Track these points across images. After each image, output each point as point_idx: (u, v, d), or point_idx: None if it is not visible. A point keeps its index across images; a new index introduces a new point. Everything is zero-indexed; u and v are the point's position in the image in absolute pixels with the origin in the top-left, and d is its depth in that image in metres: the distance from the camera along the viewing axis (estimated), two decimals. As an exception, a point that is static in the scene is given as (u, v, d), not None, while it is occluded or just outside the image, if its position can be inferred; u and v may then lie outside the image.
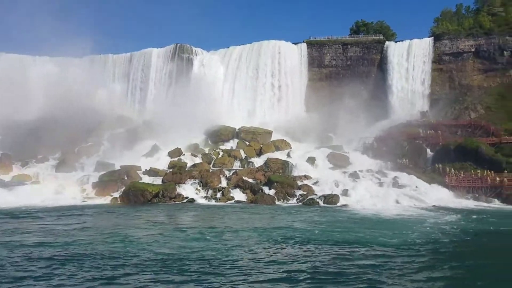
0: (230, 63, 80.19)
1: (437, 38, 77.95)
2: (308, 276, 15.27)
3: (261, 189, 44.61)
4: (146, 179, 47.08)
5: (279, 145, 62.42)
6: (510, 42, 73.56)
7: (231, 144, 63.80)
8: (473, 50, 76.25)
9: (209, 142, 64.11)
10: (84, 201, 41.12)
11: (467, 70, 76.36)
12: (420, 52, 77.63)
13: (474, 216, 31.81)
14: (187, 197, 42.22)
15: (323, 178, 49.05)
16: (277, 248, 19.98)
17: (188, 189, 44.22)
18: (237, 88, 78.36)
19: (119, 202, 41.09)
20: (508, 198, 45.70)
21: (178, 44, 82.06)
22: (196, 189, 44.71)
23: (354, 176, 50.57)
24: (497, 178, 48.85)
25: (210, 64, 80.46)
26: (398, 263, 17.03)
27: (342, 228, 25.61)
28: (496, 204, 44.65)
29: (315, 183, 47.86)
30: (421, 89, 76.40)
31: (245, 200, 42.68)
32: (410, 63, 77.18)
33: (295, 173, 52.47)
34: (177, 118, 65.09)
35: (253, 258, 17.91)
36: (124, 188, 42.56)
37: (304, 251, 19.45)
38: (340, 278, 14.90)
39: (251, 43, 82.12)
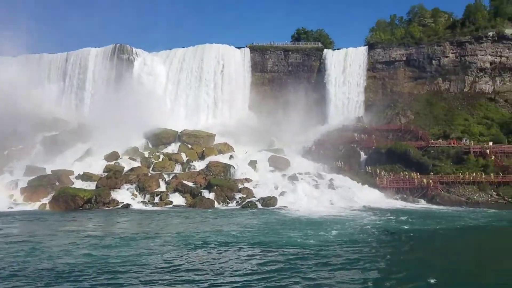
0: (172, 65, 79.60)
1: (371, 47, 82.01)
2: (210, 281, 14.95)
3: (201, 193, 44.74)
4: (79, 184, 45.49)
5: (222, 149, 62.74)
6: (438, 52, 78.80)
7: (172, 148, 63.23)
8: (404, 59, 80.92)
9: (150, 145, 63.12)
10: (10, 208, 38.98)
11: (399, 77, 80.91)
12: (355, 60, 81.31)
13: (394, 217, 33.59)
14: (122, 202, 41.36)
15: (263, 181, 50.14)
16: (190, 253, 19.41)
17: (124, 194, 43.33)
18: (180, 91, 77.90)
19: (48, 208, 39.41)
20: (433, 198, 49.05)
21: (118, 44, 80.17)
22: (133, 194, 43.94)
23: (293, 178, 51.95)
24: (424, 180, 52.32)
25: (151, 66, 79.32)
26: (306, 264, 16.93)
27: (268, 230, 25.89)
28: (421, 204, 47.76)
29: (255, 186, 48.76)
30: (356, 96, 79.96)
31: (184, 204, 42.60)
32: (346, 70, 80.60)
33: (237, 176, 53.08)
34: (116, 120, 63.38)
35: (161, 265, 17.21)
36: (54, 193, 40.84)
37: (217, 254, 19.15)
38: (239, 281, 14.78)
39: (194, 46, 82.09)
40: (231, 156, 59.24)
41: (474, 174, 53.02)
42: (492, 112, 70.15)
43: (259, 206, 41.78)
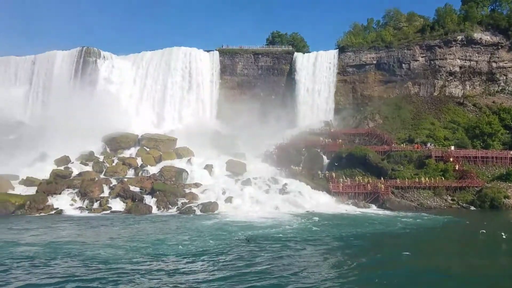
0: (140, 68, 78.79)
1: (341, 50, 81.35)
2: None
3: (143, 199, 43.66)
4: (21, 189, 44.40)
5: (181, 153, 61.73)
6: (408, 55, 78.16)
7: (131, 152, 62.14)
8: (374, 62, 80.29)
9: (108, 149, 62.00)
10: None
11: (369, 81, 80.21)
12: (325, 63, 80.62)
13: (328, 222, 32.69)
14: (56, 208, 40.23)
15: (212, 186, 49.06)
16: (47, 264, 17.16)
17: (63, 200, 42.19)
18: (146, 95, 77.06)
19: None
20: (384, 203, 48.11)
21: (85, 47, 79.25)
22: (72, 199, 42.81)
23: (246, 183, 50.94)
24: (381, 185, 51.38)
25: (118, 68, 78.47)
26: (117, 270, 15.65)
27: (160, 240, 23.83)
28: (371, 209, 46.80)
29: (204, 191, 47.74)
30: (326, 99, 79.20)
31: (122, 210, 41.47)
32: (316, 74, 79.86)
33: (190, 180, 52.17)
34: (76, 124, 62.42)
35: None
36: (-15, 199, 39.69)
37: (78, 264, 17.08)
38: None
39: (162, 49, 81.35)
40: (189, 160, 58.17)
41: (429, 179, 52.11)
42: (459, 116, 69.44)
43: (198, 212, 40.71)
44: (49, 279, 13.64)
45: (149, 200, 43.54)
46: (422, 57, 77.38)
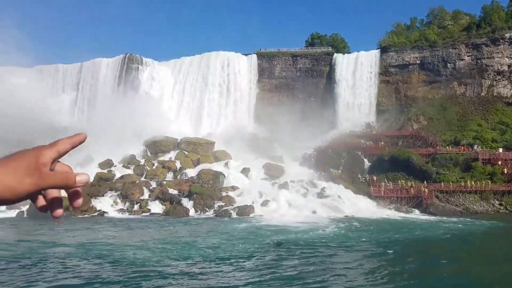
0: (179, 73, 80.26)
1: (383, 50, 79.20)
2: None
3: (180, 201, 44.22)
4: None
5: (219, 156, 62.24)
6: (453, 55, 75.01)
7: (171, 155, 63.28)
8: (418, 62, 77.59)
9: (149, 153, 63.47)
10: (-8, 215, 40.03)
11: (413, 81, 77.58)
12: (366, 64, 78.79)
13: (366, 227, 31.55)
14: (99, 210, 41.50)
15: (249, 189, 48.94)
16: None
17: (105, 202, 43.54)
18: (185, 99, 78.35)
19: (25, 215, 40.07)
20: (427, 208, 46.18)
21: (128, 54, 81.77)
22: (114, 201, 44.07)
23: (283, 186, 50.52)
24: (424, 189, 49.45)
25: (159, 75, 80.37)
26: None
27: (188, 243, 23.45)
28: (414, 214, 45.03)
29: (240, 194, 47.77)
30: (367, 100, 77.37)
31: (160, 212, 42.18)
32: (356, 74, 78.19)
33: (227, 183, 52.34)
34: (119, 129, 64.57)
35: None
36: (31, 201, 41.27)
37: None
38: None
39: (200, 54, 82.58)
40: (225, 164, 58.46)
41: (476, 182, 49.55)
42: (508, 117, 65.74)
43: (234, 215, 40.70)
44: (73, 279, 13.93)
45: (187, 203, 44.07)
46: (468, 56, 73.96)
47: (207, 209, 43.49)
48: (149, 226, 31.84)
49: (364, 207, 46.20)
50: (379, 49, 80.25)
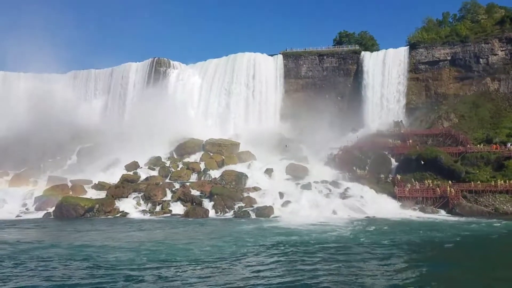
0: (206, 76, 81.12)
1: (412, 47, 77.14)
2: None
3: (201, 202, 44.67)
4: (92, 193, 47.68)
5: (243, 157, 62.45)
6: (485, 50, 72.18)
7: (196, 157, 64.01)
8: (449, 58, 75.06)
9: (174, 155, 64.48)
10: (18, 216, 41.65)
11: (443, 78, 75.13)
12: (395, 61, 76.94)
13: (384, 228, 30.73)
14: (122, 211, 42.51)
15: (270, 190, 48.84)
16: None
17: (128, 203, 44.50)
18: (212, 101, 79.03)
19: (52, 216, 41.56)
20: (454, 209, 44.62)
21: (156, 58, 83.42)
22: (137, 203, 44.99)
23: (306, 187, 50.16)
24: (450, 189, 47.85)
25: (187, 77, 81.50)
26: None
27: (191, 243, 23.80)
28: (439, 215, 43.61)
29: (262, 195, 47.72)
30: (396, 99, 75.59)
31: (181, 213, 42.72)
32: (385, 72, 76.54)
33: (249, 184, 52.47)
34: (146, 131, 66.00)
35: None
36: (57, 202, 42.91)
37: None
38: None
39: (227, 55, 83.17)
40: (249, 165, 58.61)
41: (508, 181, 47.40)
42: (545, 113, 62.54)
43: (253, 216, 40.74)
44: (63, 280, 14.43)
45: (207, 204, 44.45)
46: (501, 50, 70.87)
47: (227, 210, 43.74)
48: (162, 227, 32.38)
49: (387, 208, 45.22)
50: (408, 46, 78.22)
